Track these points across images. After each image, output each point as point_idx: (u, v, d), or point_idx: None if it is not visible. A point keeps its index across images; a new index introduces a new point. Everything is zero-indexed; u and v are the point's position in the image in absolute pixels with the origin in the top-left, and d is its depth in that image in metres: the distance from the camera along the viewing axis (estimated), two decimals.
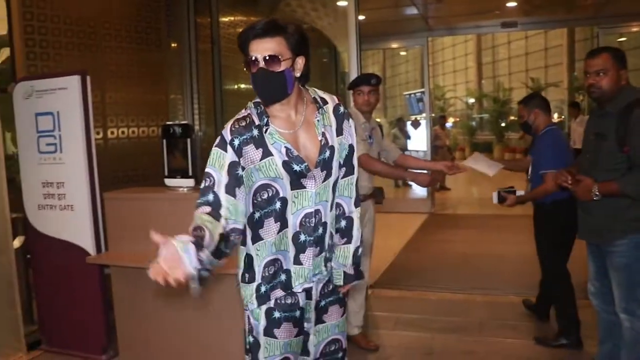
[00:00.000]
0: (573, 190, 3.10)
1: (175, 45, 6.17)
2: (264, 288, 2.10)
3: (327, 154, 2.09)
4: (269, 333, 2.12)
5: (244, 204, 2.04)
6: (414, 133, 14.09)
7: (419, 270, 6.30)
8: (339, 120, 2.17)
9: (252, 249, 2.11)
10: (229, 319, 3.38)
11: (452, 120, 24.95)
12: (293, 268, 2.11)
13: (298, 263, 2.11)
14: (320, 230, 2.12)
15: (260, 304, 2.11)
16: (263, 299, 2.10)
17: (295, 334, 2.16)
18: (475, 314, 4.76)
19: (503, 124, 22.87)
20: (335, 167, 2.14)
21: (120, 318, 3.89)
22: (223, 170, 1.99)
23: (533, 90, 24.71)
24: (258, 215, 2.06)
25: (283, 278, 2.11)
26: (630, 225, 2.95)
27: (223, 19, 6.74)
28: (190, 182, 3.74)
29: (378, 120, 4.58)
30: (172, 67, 6.11)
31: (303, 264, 2.11)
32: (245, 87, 7.17)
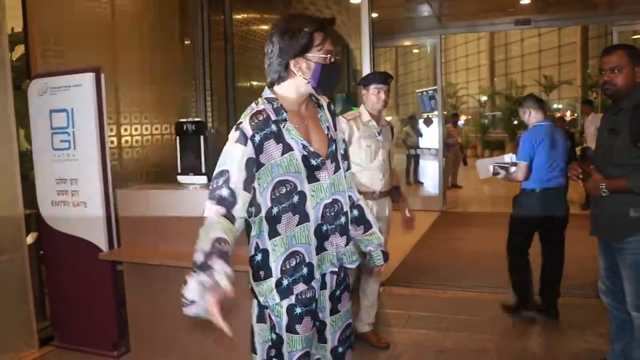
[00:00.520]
0: (583, 185, 3.12)
1: (189, 43, 6.18)
2: (286, 282, 2.11)
3: (333, 147, 2.21)
4: (291, 329, 2.14)
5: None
6: (426, 131, 14.05)
7: (431, 268, 6.29)
8: (333, 117, 2.29)
9: (268, 245, 2.11)
10: (241, 316, 3.39)
11: (464, 118, 24.90)
12: (316, 259, 2.14)
13: (322, 250, 2.16)
14: (343, 219, 2.22)
15: (283, 298, 2.12)
16: (285, 293, 2.11)
17: (312, 326, 2.20)
18: (487, 313, 4.74)
19: (515, 122, 22.76)
20: (340, 159, 2.25)
21: (133, 314, 3.91)
22: (241, 166, 1.99)
23: (546, 88, 24.71)
24: (276, 211, 2.08)
25: (305, 271, 2.13)
26: None
27: (236, 17, 6.75)
28: (203, 179, 3.76)
29: (388, 119, 4.56)
30: (185, 64, 6.12)
31: (328, 250, 2.18)
32: (258, 84, 7.18)
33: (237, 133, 2.02)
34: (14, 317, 4.05)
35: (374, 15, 6.21)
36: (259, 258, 2.13)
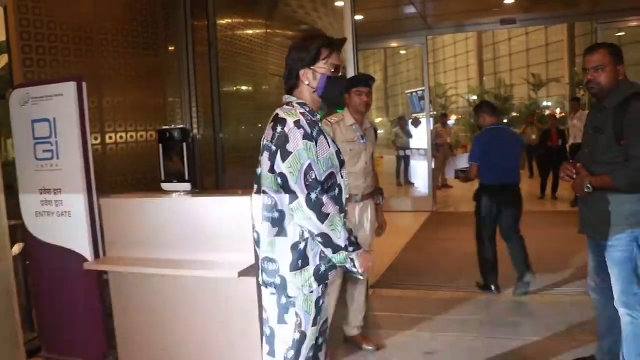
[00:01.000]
0: (572, 184, 3.13)
1: (173, 49, 6.16)
2: (324, 267, 2.30)
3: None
4: (315, 322, 2.32)
5: None
6: (415, 131, 14.09)
7: (421, 270, 6.29)
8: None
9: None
10: (231, 324, 3.38)
11: (454, 118, 24.96)
12: None
13: None
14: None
15: (320, 284, 2.31)
16: (323, 279, 2.31)
17: None
18: (476, 313, 4.75)
19: (505, 121, 22.84)
20: None
21: (120, 324, 3.87)
22: (316, 158, 2.25)
23: (535, 86, 24.82)
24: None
25: None
26: (629, 220, 2.96)
27: (220, 22, 6.73)
28: (187, 186, 3.72)
29: (379, 121, 4.57)
30: (169, 70, 6.10)
31: None
32: (245, 89, 7.16)
33: (299, 132, 2.23)
34: (0, 329, 4.01)
35: (360, 18, 6.22)
36: (302, 246, 2.24)
